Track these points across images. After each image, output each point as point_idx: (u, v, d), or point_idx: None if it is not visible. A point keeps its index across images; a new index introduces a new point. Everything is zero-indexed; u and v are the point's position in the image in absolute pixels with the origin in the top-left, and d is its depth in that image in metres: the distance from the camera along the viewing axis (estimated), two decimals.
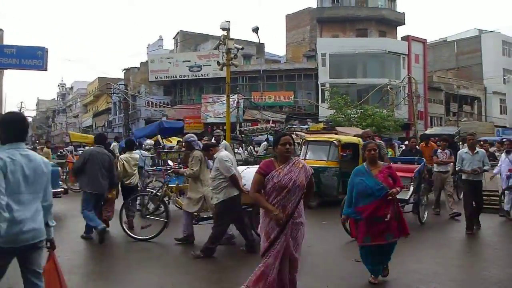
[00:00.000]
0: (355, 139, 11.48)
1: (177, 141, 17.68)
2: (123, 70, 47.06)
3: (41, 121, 79.69)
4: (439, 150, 10.19)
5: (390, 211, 5.07)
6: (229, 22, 18.17)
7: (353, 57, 35.73)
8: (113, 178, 7.83)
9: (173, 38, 45.38)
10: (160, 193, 7.91)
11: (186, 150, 8.13)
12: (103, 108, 51.22)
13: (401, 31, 47.64)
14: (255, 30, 21.70)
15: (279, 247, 3.98)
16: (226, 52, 18.29)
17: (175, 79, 39.28)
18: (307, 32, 42.30)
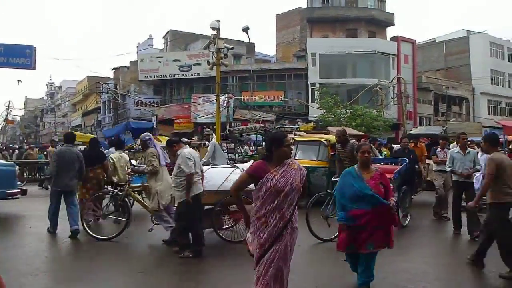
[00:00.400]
0: None
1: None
2: (112, 69, 46.77)
3: (29, 120, 78.80)
4: (439, 149, 9.85)
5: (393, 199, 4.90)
6: (219, 21, 18.16)
7: (343, 57, 35.87)
8: (82, 174, 8.20)
9: (163, 37, 45.18)
10: (121, 193, 7.84)
11: (142, 148, 8.20)
12: (92, 107, 50.77)
13: (390, 31, 47.85)
14: (245, 29, 21.67)
15: (275, 255, 3.65)
16: (216, 51, 18.25)
17: (165, 78, 39.11)
18: (297, 32, 42.34)
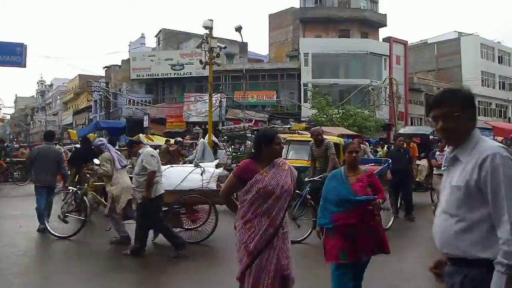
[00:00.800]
0: (337, 139, 11.53)
1: (165, 140, 17.57)
2: (104, 68, 46.56)
3: (19, 118, 78.24)
4: (438, 152, 9.34)
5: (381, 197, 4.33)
6: (212, 20, 18.06)
7: (335, 57, 35.97)
8: (62, 170, 8.50)
9: (155, 36, 45.01)
10: (80, 191, 7.78)
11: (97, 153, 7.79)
12: (83, 106, 50.47)
13: (383, 32, 48.09)
14: (238, 29, 21.55)
15: (265, 263, 3.29)
16: (208, 51, 18.14)
17: (157, 77, 38.94)
18: (290, 32, 42.37)
